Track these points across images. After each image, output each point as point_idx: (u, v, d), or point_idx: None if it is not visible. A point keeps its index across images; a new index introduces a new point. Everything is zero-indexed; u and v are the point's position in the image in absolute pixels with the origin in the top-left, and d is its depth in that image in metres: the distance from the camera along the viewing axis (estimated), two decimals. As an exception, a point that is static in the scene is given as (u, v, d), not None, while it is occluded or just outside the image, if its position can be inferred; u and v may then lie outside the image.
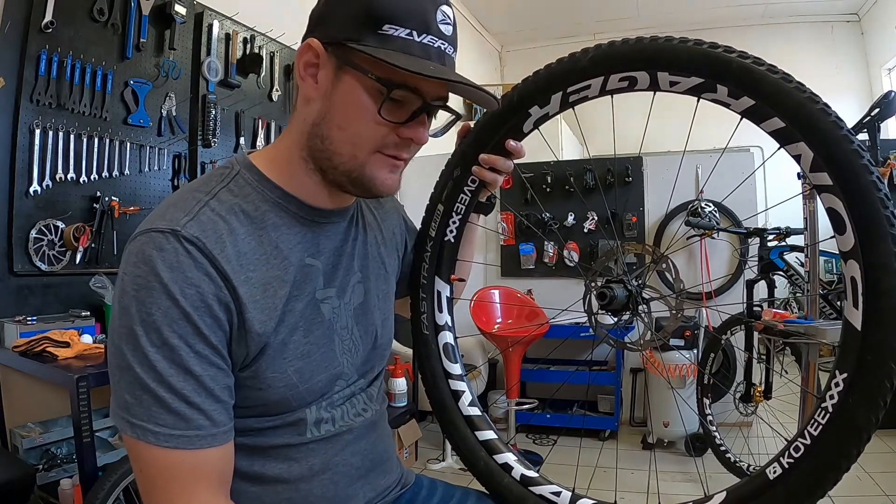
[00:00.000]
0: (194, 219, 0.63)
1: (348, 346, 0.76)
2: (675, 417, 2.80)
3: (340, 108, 0.66)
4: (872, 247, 0.60)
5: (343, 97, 0.66)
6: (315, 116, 0.68)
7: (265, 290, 0.66)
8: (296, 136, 0.71)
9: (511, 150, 0.85)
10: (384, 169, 0.69)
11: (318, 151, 0.69)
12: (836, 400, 0.62)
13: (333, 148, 0.68)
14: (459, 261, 0.95)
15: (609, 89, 0.75)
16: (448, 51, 0.67)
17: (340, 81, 0.66)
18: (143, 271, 0.59)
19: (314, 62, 0.67)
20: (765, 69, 0.65)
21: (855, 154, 0.60)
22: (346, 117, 0.66)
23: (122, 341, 0.60)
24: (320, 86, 0.67)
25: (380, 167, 0.69)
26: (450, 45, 0.67)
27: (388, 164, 0.69)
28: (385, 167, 0.69)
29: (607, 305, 0.85)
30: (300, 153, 0.70)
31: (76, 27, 2.00)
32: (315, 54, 0.67)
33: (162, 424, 0.59)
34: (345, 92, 0.66)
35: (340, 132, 0.67)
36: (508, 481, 0.86)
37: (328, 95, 0.67)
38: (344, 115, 0.66)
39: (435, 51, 0.65)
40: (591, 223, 3.46)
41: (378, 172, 0.69)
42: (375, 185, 0.69)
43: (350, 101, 0.66)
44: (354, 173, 0.68)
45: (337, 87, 0.66)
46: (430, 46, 0.64)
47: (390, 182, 0.70)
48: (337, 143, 0.67)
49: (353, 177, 0.69)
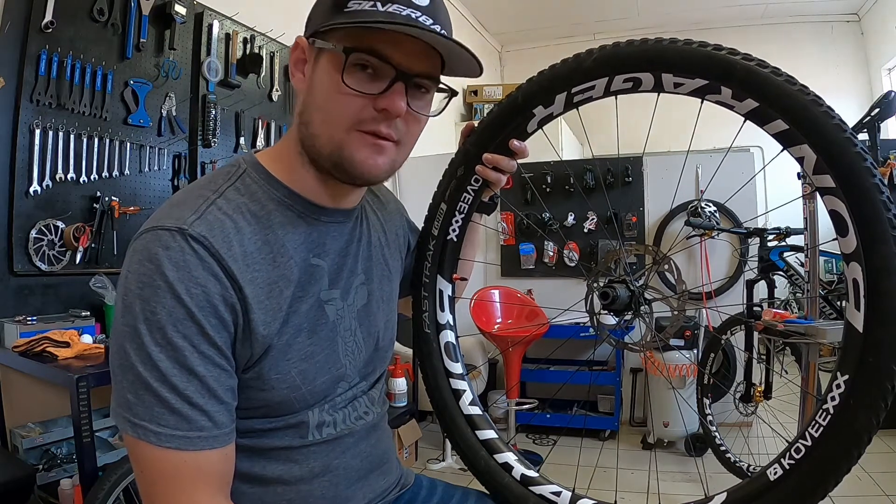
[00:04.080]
0: (201, 217, 0.62)
1: (351, 348, 0.76)
2: (676, 417, 2.80)
3: (318, 90, 0.68)
4: (874, 249, 0.60)
5: (319, 78, 0.67)
6: (300, 106, 0.70)
7: (270, 291, 0.66)
8: (293, 132, 0.72)
9: (515, 149, 0.84)
10: (364, 149, 0.67)
11: (305, 139, 0.69)
12: (837, 402, 0.62)
13: (314, 131, 0.68)
14: (461, 260, 0.95)
15: (613, 90, 0.75)
16: (422, 20, 0.64)
17: (317, 66, 0.68)
18: (149, 269, 0.59)
19: (302, 58, 0.70)
20: (769, 71, 0.65)
21: (858, 157, 0.60)
22: (322, 96, 0.67)
23: (125, 340, 0.59)
24: (306, 77, 0.69)
25: (358, 147, 0.66)
26: (426, 14, 0.64)
27: (368, 142, 0.67)
28: (364, 146, 0.67)
29: (610, 305, 0.85)
30: (297, 148, 0.71)
31: (76, 27, 2.00)
32: (302, 50, 0.70)
33: (164, 425, 0.58)
34: (319, 73, 0.67)
35: (318, 113, 0.67)
36: (509, 481, 0.86)
37: (309, 83, 0.69)
38: (321, 94, 0.67)
39: (402, 18, 0.62)
40: (591, 223, 3.46)
41: (357, 152, 0.66)
42: (355, 167, 0.67)
43: (322, 80, 0.67)
44: (335, 156, 0.67)
45: (315, 72, 0.68)
46: (397, 14, 0.62)
47: (372, 163, 0.67)
48: (316, 125, 0.68)
49: (333, 160, 0.67)
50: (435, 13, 0.66)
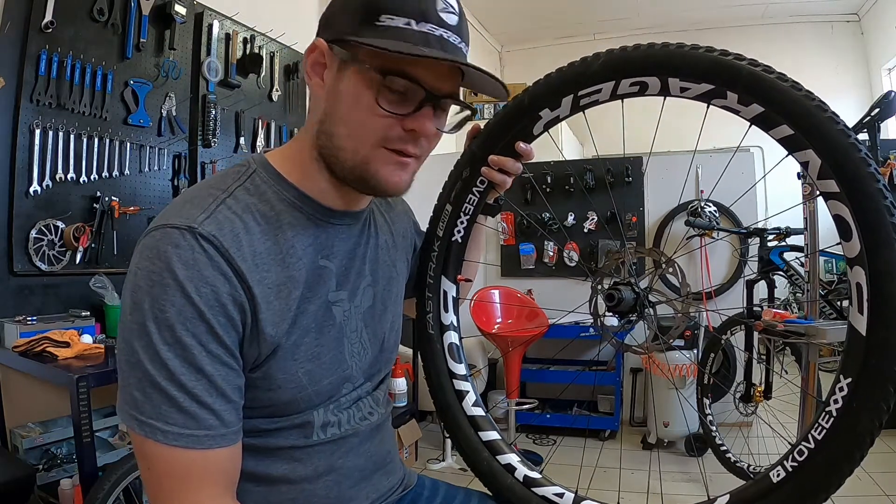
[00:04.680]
0: (211, 216, 0.62)
1: (357, 350, 0.76)
2: (676, 417, 2.81)
3: (343, 103, 0.67)
4: (878, 253, 0.60)
5: (345, 92, 0.66)
6: (321, 115, 0.69)
7: (279, 292, 0.66)
8: (308, 136, 0.71)
9: (521, 151, 0.84)
10: (389, 165, 0.68)
11: (326, 149, 0.69)
12: (840, 405, 0.63)
13: (338, 143, 0.68)
14: (466, 261, 0.96)
15: (620, 94, 0.75)
16: (452, 39, 0.65)
17: (343, 77, 0.66)
18: (158, 267, 0.59)
19: (321, 62, 0.68)
20: (775, 77, 0.65)
21: (862, 162, 0.61)
22: (348, 111, 0.66)
23: (133, 337, 0.59)
24: (326, 84, 0.68)
25: (384, 163, 0.67)
26: (454, 34, 0.65)
27: (393, 160, 0.68)
28: (390, 163, 0.68)
29: (615, 307, 0.85)
30: (311, 153, 0.71)
31: (76, 27, 2.00)
32: (321, 53, 0.67)
33: (172, 423, 0.58)
34: (347, 87, 0.66)
35: (343, 127, 0.67)
36: (511, 482, 0.86)
37: (333, 92, 0.67)
38: (346, 109, 0.67)
39: (435, 39, 0.64)
40: (592, 223, 3.47)
41: (382, 168, 0.67)
42: (380, 182, 0.68)
43: (351, 94, 0.66)
44: (358, 169, 0.68)
45: (340, 83, 0.66)
46: (430, 34, 0.63)
47: (396, 179, 0.69)
48: (340, 138, 0.67)
49: (357, 173, 0.68)
50: (460, 30, 0.67)
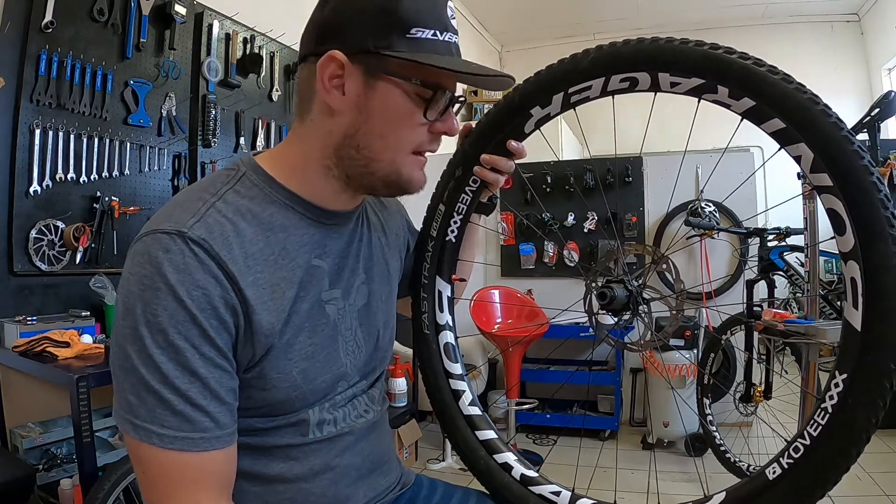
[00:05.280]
0: (201, 220, 0.63)
1: (351, 348, 0.76)
2: (675, 417, 2.80)
3: (379, 117, 0.67)
4: (872, 248, 0.60)
5: (381, 106, 0.67)
6: (347, 128, 0.68)
7: (273, 292, 0.66)
8: (315, 143, 0.70)
9: (513, 150, 0.85)
10: (417, 168, 0.72)
11: (353, 160, 0.69)
12: (835, 401, 0.62)
13: (373, 156, 0.69)
14: (460, 261, 0.96)
15: (610, 90, 0.75)
16: (458, 43, 0.70)
17: (374, 90, 0.66)
18: (150, 272, 0.59)
19: (338, 74, 0.66)
20: (765, 70, 0.65)
21: (855, 155, 0.60)
22: (385, 125, 0.67)
23: (126, 342, 0.59)
24: (349, 97, 0.67)
25: (415, 167, 0.72)
26: (458, 38, 0.71)
27: (420, 162, 0.72)
28: (418, 166, 0.72)
29: (608, 305, 0.85)
30: (322, 161, 0.70)
31: (76, 27, 2.00)
32: (339, 65, 0.65)
33: (166, 426, 0.59)
34: (382, 100, 0.66)
35: (381, 140, 0.68)
36: (508, 481, 0.86)
37: (361, 106, 0.67)
38: (383, 122, 0.67)
39: (455, 46, 0.69)
40: (591, 223, 3.46)
41: (414, 172, 0.72)
42: (412, 184, 0.72)
43: (390, 108, 0.67)
44: (392, 176, 0.71)
45: (371, 97, 0.66)
46: (451, 43, 0.68)
47: (421, 178, 0.73)
48: (377, 150, 0.69)
49: (390, 180, 0.71)
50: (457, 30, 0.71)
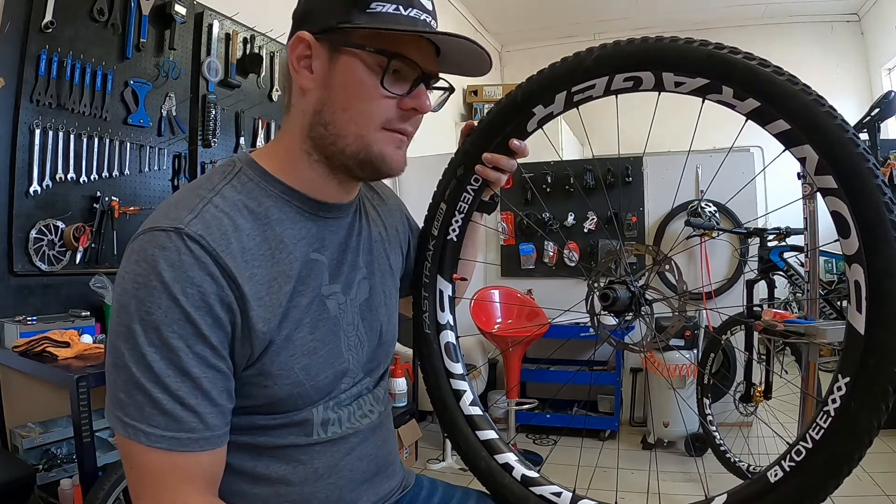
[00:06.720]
0: (198, 216, 0.62)
1: (354, 343, 0.76)
2: (676, 417, 2.80)
3: (341, 90, 0.67)
4: (877, 250, 0.60)
5: (342, 78, 0.67)
6: (315, 105, 0.69)
7: (270, 287, 0.66)
8: (295, 130, 0.71)
9: (515, 149, 0.84)
10: (390, 145, 0.70)
11: (323, 138, 0.69)
12: (838, 404, 0.62)
13: (338, 131, 0.68)
14: (462, 260, 0.95)
15: (614, 89, 0.75)
16: (433, 24, 0.69)
17: (337, 64, 0.67)
18: (144, 269, 0.59)
19: (306, 54, 0.68)
20: (770, 71, 0.64)
21: (860, 157, 0.60)
22: (347, 97, 0.67)
23: (119, 339, 0.59)
24: (316, 75, 0.68)
25: (386, 143, 0.70)
26: (433, 18, 0.69)
27: (394, 139, 0.70)
28: (391, 143, 0.70)
29: (610, 306, 0.85)
30: (302, 146, 0.71)
31: (76, 27, 2.00)
32: (307, 45, 0.68)
33: (154, 425, 0.58)
34: (343, 73, 0.67)
35: (344, 113, 0.68)
36: (509, 481, 0.86)
37: (326, 81, 0.68)
38: (345, 95, 0.67)
39: (422, 23, 0.67)
40: (592, 223, 3.46)
41: (385, 149, 0.70)
42: (385, 163, 0.70)
43: (350, 80, 0.67)
44: (362, 153, 0.69)
45: (334, 71, 0.67)
46: (417, 19, 0.67)
47: (398, 158, 0.71)
48: (341, 125, 0.68)
49: (360, 158, 0.69)
50: (435, 15, 0.71)
